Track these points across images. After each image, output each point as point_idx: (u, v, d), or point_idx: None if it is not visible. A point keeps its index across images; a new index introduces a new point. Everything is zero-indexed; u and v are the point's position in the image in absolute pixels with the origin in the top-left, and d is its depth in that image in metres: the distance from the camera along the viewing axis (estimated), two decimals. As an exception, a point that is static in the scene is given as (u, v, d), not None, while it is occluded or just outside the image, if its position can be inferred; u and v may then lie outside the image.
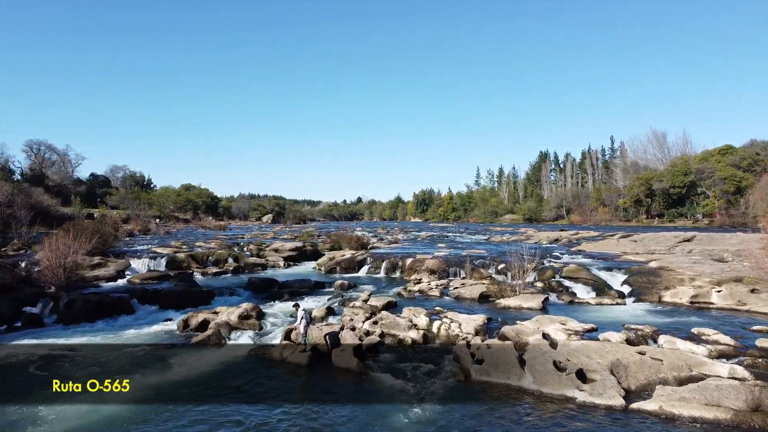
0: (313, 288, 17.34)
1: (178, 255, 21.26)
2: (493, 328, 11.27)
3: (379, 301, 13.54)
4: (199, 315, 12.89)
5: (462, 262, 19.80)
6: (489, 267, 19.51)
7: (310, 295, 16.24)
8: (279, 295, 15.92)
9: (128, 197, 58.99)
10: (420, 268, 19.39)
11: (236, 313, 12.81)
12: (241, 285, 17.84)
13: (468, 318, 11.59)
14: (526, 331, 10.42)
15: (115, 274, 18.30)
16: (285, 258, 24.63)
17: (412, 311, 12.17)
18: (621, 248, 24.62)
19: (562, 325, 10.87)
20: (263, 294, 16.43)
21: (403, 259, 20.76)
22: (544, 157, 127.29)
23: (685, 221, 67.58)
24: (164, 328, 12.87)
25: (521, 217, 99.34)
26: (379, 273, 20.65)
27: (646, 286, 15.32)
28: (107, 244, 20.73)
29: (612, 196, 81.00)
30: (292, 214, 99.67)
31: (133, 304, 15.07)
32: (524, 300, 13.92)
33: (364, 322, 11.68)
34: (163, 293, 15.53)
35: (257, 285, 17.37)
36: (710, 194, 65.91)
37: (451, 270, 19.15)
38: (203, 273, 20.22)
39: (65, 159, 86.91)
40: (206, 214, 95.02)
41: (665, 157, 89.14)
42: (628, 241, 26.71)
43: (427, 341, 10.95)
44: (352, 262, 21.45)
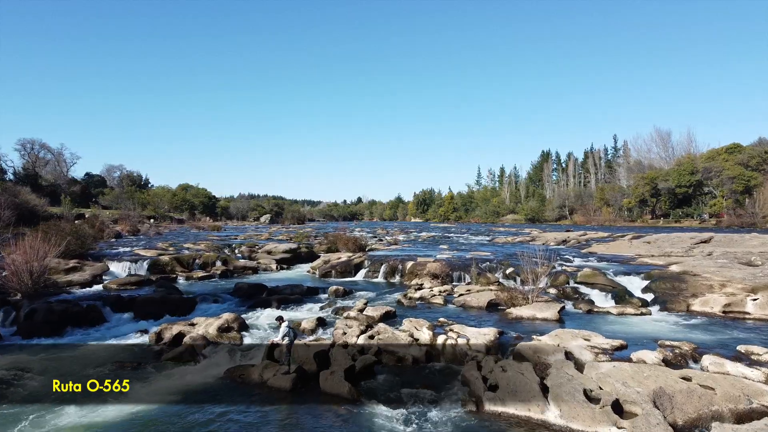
0: (306, 294, 15.94)
1: (162, 258, 19.83)
2: (506, 343, 9.85)
3: (376, 311, 12.13)
4: (174, 327, 11.50)
5: (467, 265, 18.38)
6: (496, 271, 18.08)
7: (301, 302, 14.83)
8: (267, 302, 14.51)
9: (121, 197, 57.51)
10: (421, 272, 17.98)
11: (215, 324, 11.41)
12: (227, 291, 16.43)
13: (477, 332, 10.18)
14: (545, 349, 9.00)
15: (90, 279, 16.88)
16: (278, 261, 23.22)
17: (413, 323, 10.77)
18: (635, 250, 23.21)
19: (585, 341, 9.46)
20: (250, 301, 15.03)
21: (403, 262, 19.34)
22: (547, 156, 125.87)
23: (692, 222, 66.16)
24: (135, 341, 11.46)
25: (523, 218, 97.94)
26: (377, 277, 19.23)
27: (671, 294, 13.90)
28: (85, 246, 19.30)
29: (616, 196, 79.54)
30: (290, 214, 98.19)
31: (106, 312, 13.67)
32: (538, 309, 12.50)
33: (359, 336, 10.28)
34: (139, 301, 14.11)
35: (244, 291, 15.96)
36: (717, 194, 64.46)
37: (455, 274, 17.72)
38: (188, 277, 18.81)
39: (60, 158, 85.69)
40: (203, 214, 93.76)
41: (669, 156, 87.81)
42: (641, 243, 25.28)
43: (431, 359, 9.54)
44: (348, 266, 20.03)
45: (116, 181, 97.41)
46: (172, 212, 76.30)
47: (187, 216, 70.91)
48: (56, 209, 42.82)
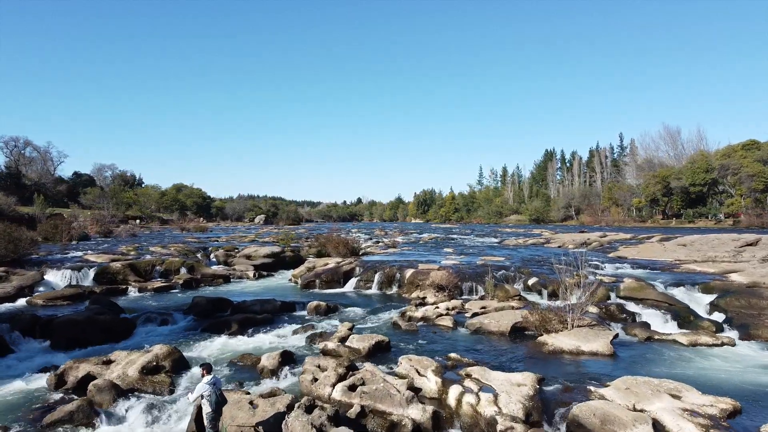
0: (278, 312, 12.72)
1: (113, 265, 16.56)
2: (552, 400, 6.63)
3: (364, 341, 8.91)
4: (82, 366, 8.31)
5: (479, 274, 15.14)
6: (515, 281, 14.86)
7: (270, 323, 11.62)
8: (226, 324, 11.29)
9: (104, 196, 54.32)
10: (423, 283, 14.76)
11: (140, 362, 8.22)
12: (182, 307, 13.21)
13: (506, 380, 6.97)
14: (619, 418, 5.76)
15: (14, 291, 13.65)
16: (257, 267, 20.00)
17: (414, 363, 7.57)
18: (671, 254, 19.96)
19: (675, 400, 6.23)
20: (207, 321, 11.82)
21: (402, 269, 16.09)
22: (550, 155, 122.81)
23: (707, 222, 62.88)
24: (32, 385, 8.27)
25: (527, 218, 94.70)
26: (370, 288, 15.99)
27: (751, 314, 10.67)
28: (19, 251, 16.09)
29: (625, 196, 76.22)
30: (285, 214, 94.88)
31: (12, 338, 10.48)
32: (582, 338, 9.26)
33: (335, 386, 7.06)
34: (59, 323, 10.87)
35: (202, 308, 12.72)
36: (734, 193, 61.15)
37: (465, 285, 14.49)
38: (142, 288, 15.57)
39: (46, 157, 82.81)
40: (197, 214, 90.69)
41: (679, 154, 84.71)
42: (675, 245, 22.03)
43: (440, 426, 6.33)
44: (336, 274, 16.78)
45: (108, 180, 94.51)
46: (161, 213, 73.13)
47: (177, 216, 67.68)
48: (28, 209, 39.62)
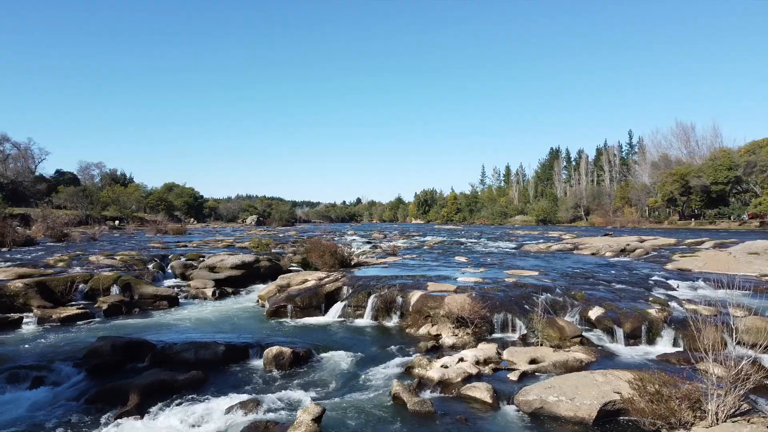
0: (220, 363, 8.35)
1: (12, 285, 12.17)
2: None
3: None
4: None
5: (514, 299, 10.79)
6: (566, 310, 10.53)
7: (198, 390, 7.26)
8: (124, 394, 6.95)
9: (77, 195, 49.91)
10: (436, 312, 10.42)
11: None
12: (81, 352, 8.85)
13: None
14: None
15: None
16: (219, 281, 15.68)
17: None
18: (747, 266, 15.68)
19: None
20: (106, 382, 7.47)
21: (405, 292, 11.69)
22: (556, 153, 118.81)
23: (729, 223, 58.66)
24: None
25: (534, 219, 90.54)
26: (361, 317, 11.61)
27: None
28: None
29: (639, 195, 71.97)
30: (279, 215, 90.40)
31: None
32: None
33: None
34: None
35: (105, 357, 8.33)
36: (761, 192, 56.85)
37: (496, 318, 10.14)
38: (45, 318, 11.19)
39: (26, 154, 78.71)
40: (188, 215, 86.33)
41: (693, 152, 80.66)
42: (743, 253, 17.74)
43: None
44: (315, 296, 12.35)
45: (97, 179, 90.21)
46: (146, 213, 68.77)
47: (163, 217, 63.38)
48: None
